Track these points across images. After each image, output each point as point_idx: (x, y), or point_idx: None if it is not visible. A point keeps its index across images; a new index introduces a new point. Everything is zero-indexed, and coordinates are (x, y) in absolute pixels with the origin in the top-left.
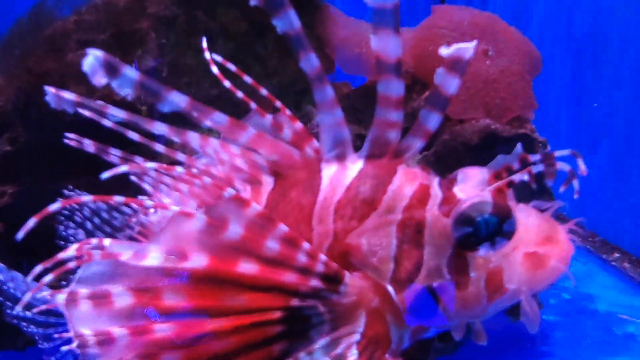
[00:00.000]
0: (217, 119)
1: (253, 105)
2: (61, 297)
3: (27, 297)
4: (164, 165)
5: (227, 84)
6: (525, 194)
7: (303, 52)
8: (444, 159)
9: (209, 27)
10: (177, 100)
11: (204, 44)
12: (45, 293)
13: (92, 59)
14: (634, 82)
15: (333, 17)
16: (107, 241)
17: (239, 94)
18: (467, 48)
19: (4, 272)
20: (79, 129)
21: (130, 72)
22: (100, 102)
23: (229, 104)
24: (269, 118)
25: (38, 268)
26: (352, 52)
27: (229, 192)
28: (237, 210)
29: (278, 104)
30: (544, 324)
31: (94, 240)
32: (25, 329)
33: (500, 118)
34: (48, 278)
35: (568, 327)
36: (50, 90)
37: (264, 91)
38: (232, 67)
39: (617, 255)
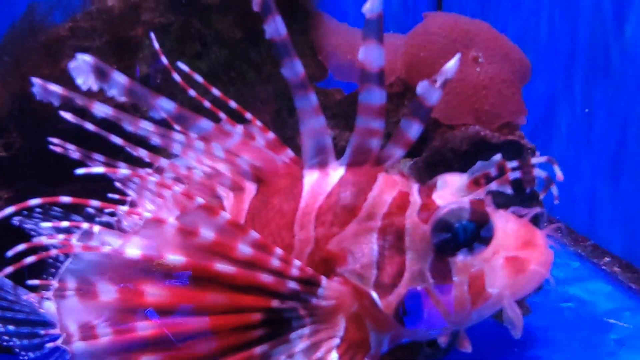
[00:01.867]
0: (203, 125)
1: (222, 115)
2: (49, 305)
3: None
4: (139, 172)
5: (192, 93)
6: (514, 200)
7: (287, 58)
8: (434, 165)
9: (204, 33)
10: (166, 105)
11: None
12: (32, 297)
13: (80, 63)
14: (629, 88)
15: (326, 24)
16: (96, 228)
17: (207, 104)
18: (452, 67)
19: None
20: (73, 135)
21: (119, 77)
22: (84, 98)
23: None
24: (239, 128)
25: (19, 247)
26: (345, 59)
27: (198, 201)
28: (207, 218)
29: (248, 115)
30: (533, 327)
31: (85, 225)
32: (4, 344)
33: (490, 124)
34: (30, 259)
35: (557, 331)
36: (37, 81)
37: (233, 103)
38: (199, 78)
39: (607, 259)
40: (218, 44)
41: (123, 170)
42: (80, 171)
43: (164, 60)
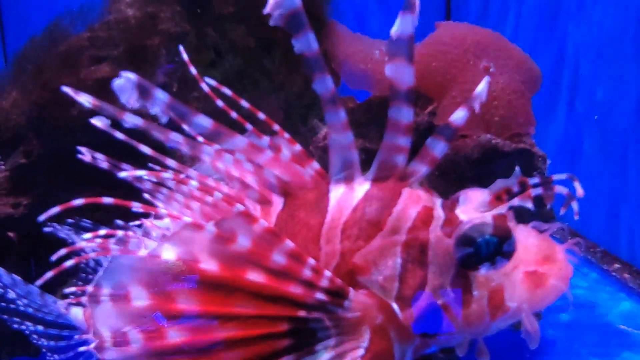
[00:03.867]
0: (238, 142)
1: (249, 126)
2: (77, 311)
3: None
4: (179, 177)
5: (220, 103)
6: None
7: (319, 73)
8: (447, 173)
9: (218, 42)
10: (203, 122)
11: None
12: (61, 304)
13: (124, 81)
14: (636, 95)
15: (339, 33)
16: (131, 233)
17: (234, 115)
18: (482, 91)
19: (4, 277)
20: (92, 142)
21: (160, 94)
22: (114, 107)
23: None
24: (266, 140)
25: (61, 251)
26: (358, 68)
27: (239, 207)
28: (246, 225)
29: (276, 127)
30: (544, 333)
31: (120, 232)
32: (35, 341)
33: (499, 135)
34: (69, 263)
35: (567, 337)
36: (67, 90)
37: (261, 115)
38: (227, 91)
39: (617, 265)
40: (232, 53)
41: (166, 173)
42: (123, 174)
43: (193, 70)
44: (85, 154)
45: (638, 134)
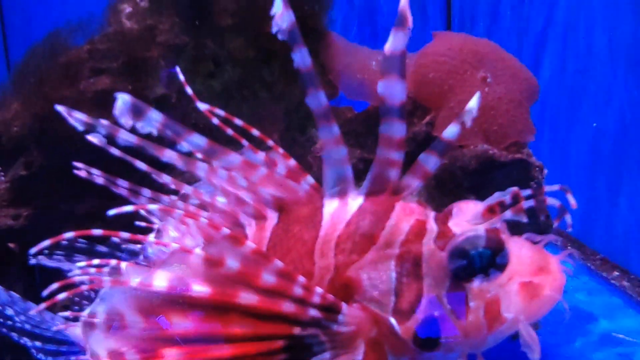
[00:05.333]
0: (232, 159)
1: (245, 142)
2: (76, 330)
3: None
4: (167, 207)
5: (215, 121)
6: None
7: (312, 88)
8: (444, 183)
9: (217, 54)
10: (198, 141)
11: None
12: (59, 323)
13: (120, 103)
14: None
15: (336, 43)
16: (123, 264)
17: (229, 132)
18: (474, 106)
19: (2, 294)
20: (91, 155)
21: (155, 115)
22: (109, 125)
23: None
24: (261, 155)
25: (53, 286)
26: (355, 78)
27: (224, 231)
28: (233, 248)
29: (270, 142)
30: (542, 341)
31: (113, 262)
32: (34, 355)
33: (498, 144)
34: (62, 296)
35: (565, 345)
36: (61, 109)
37: (255, 132)
38: (220, 112)
39: (616, 273)
40: (231, 64)
41: (151, 205)
42: (112, 212)
43: (189, 90)
44: (81, 169)
45: (637, 141)
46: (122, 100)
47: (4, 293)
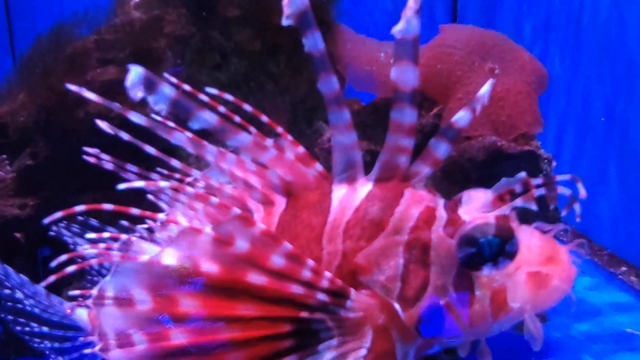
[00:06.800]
0: (242, 138)
1: (253, 129)
2: (81, 312)
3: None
4: (179, 184)
5: (222, 109)
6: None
7: (324, 73)
8: (452, 175)
9: (224, 45)
10: (208, 118)
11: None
12: (66, 305)
13: (133, 75)
14: None
15: (344, 35)
16: (134, 238)
17: (237, 119)
18: (485, 93)
19: (13, 276)
20: (98, 144)
21: (167, 89)
22: (120, 106)
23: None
24: (269, 142)
25: (61, 257)
26: (363, 70)
27: (236, 211)
28: (243, 228)
29: (279, 129)
30: (550, 336)
31: (124, 236)
32: (36, 345)
33: (507, 135)
34: (71, 269)
35: (573, 340)
36: (72, 87)
37: (264, 118)
38: (229, 97)
39: (624, 268)
40: (237, 56)
41: (163, 182)
42: (122, 186)
43: (187, 87)
44: (91, 155)
45: None
46: (135, 72)
47: (15, 275)
